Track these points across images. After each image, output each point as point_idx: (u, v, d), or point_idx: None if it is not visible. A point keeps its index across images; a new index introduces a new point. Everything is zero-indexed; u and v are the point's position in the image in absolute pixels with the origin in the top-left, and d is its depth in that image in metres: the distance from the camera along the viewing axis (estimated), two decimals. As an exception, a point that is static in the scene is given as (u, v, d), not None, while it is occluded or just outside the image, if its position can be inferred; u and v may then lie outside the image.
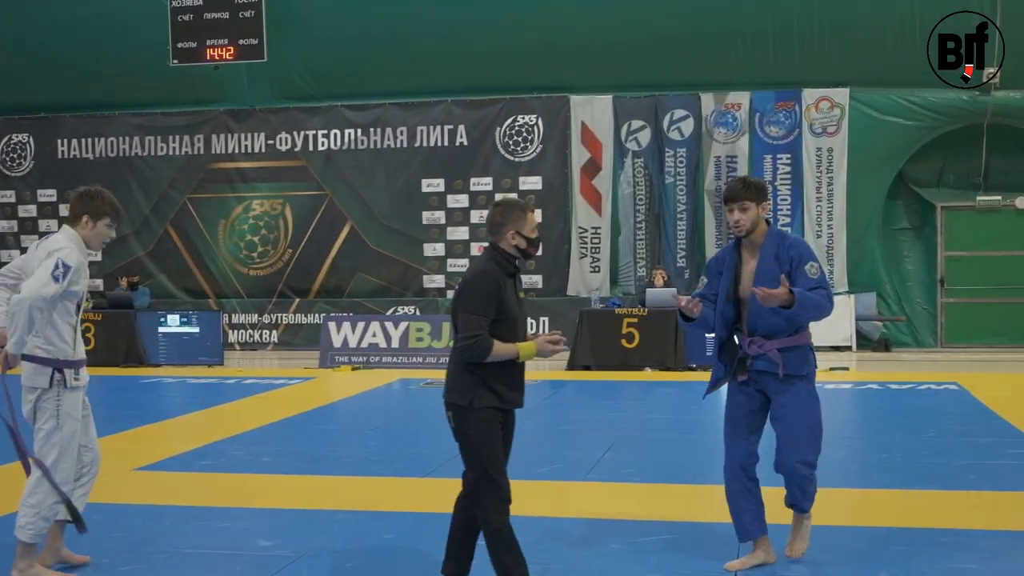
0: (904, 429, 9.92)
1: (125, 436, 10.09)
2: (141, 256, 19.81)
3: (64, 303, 5.37)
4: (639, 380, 14.22)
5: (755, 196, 5.44)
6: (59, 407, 5.38)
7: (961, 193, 17.73)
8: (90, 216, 5.50)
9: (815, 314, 5.31)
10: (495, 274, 4.85)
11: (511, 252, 4.93)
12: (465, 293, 4.83)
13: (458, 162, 18.85)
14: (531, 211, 5.01)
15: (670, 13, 17.24)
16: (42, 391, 5.36)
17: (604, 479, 7.92)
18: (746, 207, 5.42)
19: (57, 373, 5.37)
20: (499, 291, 4.81)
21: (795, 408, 5.39)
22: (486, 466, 4.82)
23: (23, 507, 5.34)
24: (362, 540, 6.17)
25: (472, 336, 4.74)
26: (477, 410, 4.80)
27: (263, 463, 8.65)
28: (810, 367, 5.45)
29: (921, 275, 18.00)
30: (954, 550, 5.82)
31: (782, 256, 5.37)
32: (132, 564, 5.75)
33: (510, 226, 4.91)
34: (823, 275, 5.39)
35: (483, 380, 4.81)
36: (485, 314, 4.76)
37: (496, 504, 4.81)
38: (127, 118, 19.86)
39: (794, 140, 17.72)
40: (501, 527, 4.80)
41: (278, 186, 19.52)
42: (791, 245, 5.43)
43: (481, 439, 4.81)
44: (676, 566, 5.64)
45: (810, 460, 5.43)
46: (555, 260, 18.54)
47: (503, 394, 4.85)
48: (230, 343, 18.76)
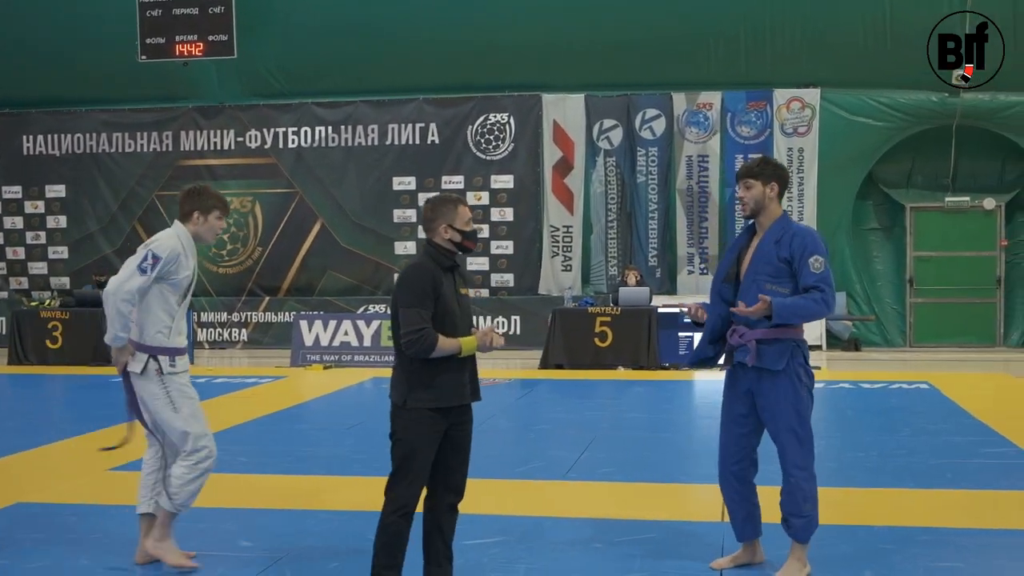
0: (879, 428, 9.99)
1: (98, 436, 9.96)
2: (109, 254, 19.58)
3: (163, 292, 5.57)
4: (613, 379, 14.24)
5: (761, 175, 5.28)
6: (168, 391, 5.60)
7: (930, 194, 17.88)
8: (200, 211, 5.73)
9: (801, 321, 5.19)
10: (429, 267, 4.85)
11: (446, 246, 4.93)
12: (401, 289, 4.82)
13: (429, 160, 18.79)
14: (463, 204, 5.00)
15: (642, 13, 17.25)
16: (137, 377, 5.58)
17: (583, 478, 7.92)
18: (750, 185, 5.29)
19: (152, 361, 5.56)
20: (434, 284, 4.79)
21: (774, 409, 5.22)
22: (400, 464, 4.82)
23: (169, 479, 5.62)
24: (344, 540, 6.13)
25: (417, 330, 4.71)
26: (410, 410, 4.79)
27: (240, 463, 8.57)
28: (791, 364, 5.20)
29: (890, 275, 18.13)
30: (934, 548, 5.87)
31: (784, 241, 5.19)
32: (112, 565, 5.68)
33: (441, 220, 4.92)
34: (826, 271, 5.16)
35: (421, 379, 4.79)
36: (424, 307, 4.75)
37: (394, 503, 4.81)
38: (94, 114, 19.66)
39: (765, 140, 17.80)
40: (389, 525, 4.81)
41: (248, 183, 19.38)
42: (796, 233, 5.23)
43: (403, 438, 4.81)
44: (660, 565, 5.63)
45: (800, 463, 5.23)
46: (527, 259, 18.54)
47: (443, 392, 4.81)
48: (199, 341, 18.61)
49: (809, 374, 5.32)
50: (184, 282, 5.67)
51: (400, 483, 4.82)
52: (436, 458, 4.90)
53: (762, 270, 5.24)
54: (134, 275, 5.47)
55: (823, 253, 5.19)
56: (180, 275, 5.62)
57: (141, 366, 5.57)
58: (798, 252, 5.17)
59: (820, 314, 5.18)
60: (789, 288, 5.20)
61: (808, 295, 5.14)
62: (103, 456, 8.66)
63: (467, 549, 5.84)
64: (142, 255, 5.51)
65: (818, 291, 5.12)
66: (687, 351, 14.86)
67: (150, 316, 5.57)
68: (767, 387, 5.25)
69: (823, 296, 5.12)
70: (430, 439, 4.82)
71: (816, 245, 5.20)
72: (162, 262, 5.51)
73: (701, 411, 11.02)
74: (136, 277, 5.47)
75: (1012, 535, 6.19)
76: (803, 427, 5.25)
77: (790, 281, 5.20)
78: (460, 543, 5.82)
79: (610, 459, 8.59)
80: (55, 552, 5.93)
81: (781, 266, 5.20)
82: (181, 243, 5.66)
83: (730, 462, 5.43)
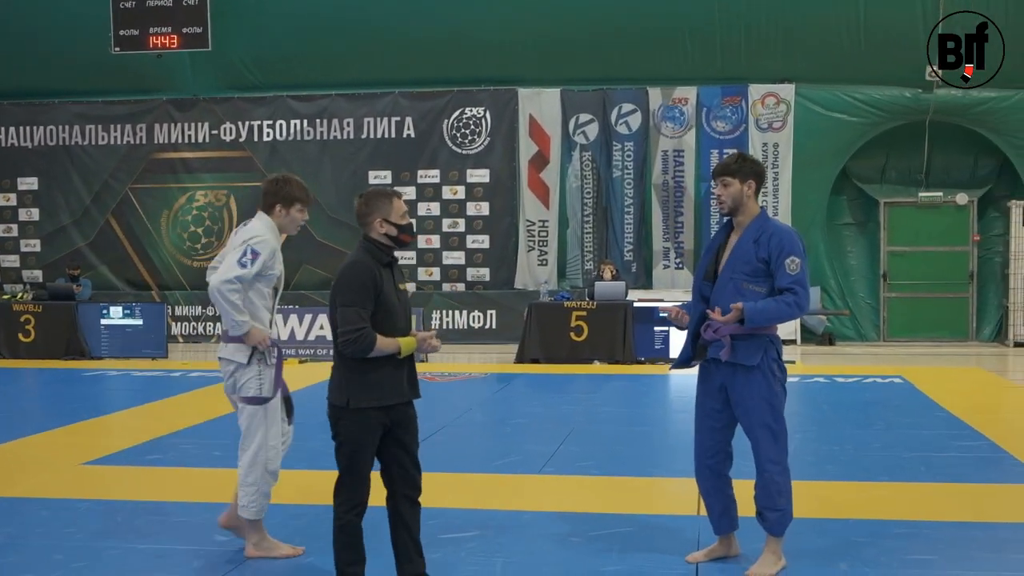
0: (853, 422, 10.04)
1: (71, 430, 9.91)
2: (82, 247, 19.46)
3: (258, 286, 5.62)
4: (589, 373, 14.25)
5: (739, 172, 5.28)
6: (261, 385, 5.61)
7: (903, 189, 17.99)
8: (282, 204, 5.77)
9: (774, 322, 5.21)
10: (367, 264, 4.80)
11: (382, 241, 4.89)
12: (339, 287, 4.77)
13: (405, 154, 18.75)
14: (397, 197, 4.96)
15: (618, 7, 17.30)
16: (239, 366, 5.59)
17: (560, 472, 7.91)
18: (727, 183, 5.28)
19: (256, 351, 5.58)
20: (374, 281, 4.75)
21: (749, 403, 5.24)
22: (348, 466, 4.81)
23: (242, 487, 5.62)
24: (319, 534, 6.08)
25: (355, 330, 4.68)
26: (353, 411, 4.76)
27: (214, 457, 8.53)
28: (765, 359, 5.22)
29: (864, 270, 18.24)
30: (909, 541, 5.90)
31: (762, 241, 5.20)
32: (84, 560, 5.64)
33: (376, 214, 4.89)
34: (802, 273, 5.18)
35: (363, 378, 4.76)
36: (363, 306, 4.71)
37: (348, 503, 4.82)
38: (67, 106, 19.49)
39: (740, 135, 17.86)
40: (346, 525, 4.82)
41: (222, 176, 19.28)
42: (774, 233, 5.23)
43: (348, 439, 4.80)
44: (636, 559, 5.64)
45: (774, 457, 5.25)
46: (503, 253, 18.53)
47: (384, 390, 4.80)
48: (173, 336, 18.51)
49: (782, 369, 5.34)
50: (275, 277, 5.73)
51: (350, 484, 4.82)
52: (387, 460, 4.91)
53: (740, 269, 5.25)
54: (235, 268, 5.51)
55: (800, 254, 5.20)
56: (274, 270, 5.69)
57: (246, 356, 5.58)
58: (775, 252, 5.18)
59: (792, 316, 5.21)
60: (766, 287, 5.22)
61: (781, 297, 5.16)
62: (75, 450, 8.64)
63: (444, 543, 5.83)
64: (242, 250, 5.53)
65: (791, 293, 5.14)
66: (663, 345, 14.89)
67: (251, 308, 5.59)
68: (741, 382, 5.26)
69: (796, 299, 5.14)
70: (374, 436, 4.82)
71: (793, 245, 5.20)
72: (261, 258, 5.55)
73: (676, 405, 11.04)
74: (236, 270, 5.51)
75: (985, 528, 6.23)
76: (777, 422, 5.27)
77: (767, 280, 5.22)
78: (437, 537, 5.84)
79: (586, 453, 8.59)
80: (26, 547, 5.88)
81: (759, 266, 5.22)
82: (275, 238, 5.72)
83: (705, 456, 5.44)
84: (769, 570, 5.31)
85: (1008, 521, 6.42)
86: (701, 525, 6.09)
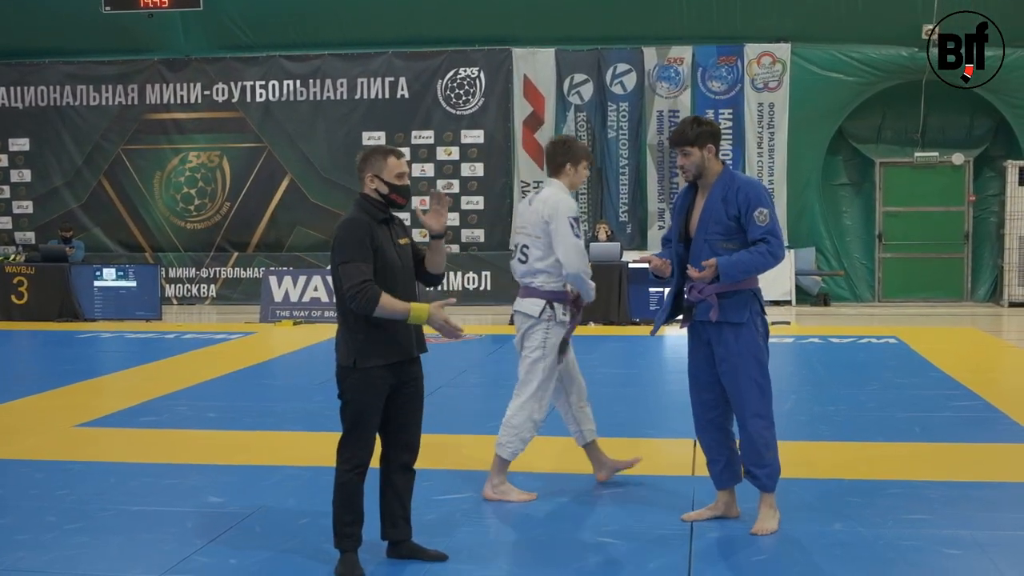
0: (848, 382, 10.03)
1: (64, 392, 9.89)
2: (74, 209, 19.38)
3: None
4: (583, 334, 14.18)
5: (697, 140, 5.27)
6: (546, 339, 5.86)
7: (899, 149, 17.92)
8: (571, 163, 5.98)
9: (750, 275, 5.21)
10: (362, 219, 4.75)
11: (374, 197, 4.85)
12: (337, 246, 4.72)
13: (399, 115, 18.64)
14: (394, 156, 4.91)
15: (613, -35, 17.16)
16: (534, 321, 5.86)
17: (553, 434, 7.86)
18: (688, 152, 5.28)
19: (548, 308, 5.82)
20: (370, 236, 4.69)
21: (736, 360, 5.24)
22: (352, 425, 4.77)
23: (505, 427, 5.92)
24: (315, 496, 6.08)
25: (359, 283, 4.61)
26: (359, 371, 4.70)
27: (208, 419, 8.51)
28: (751, 315, 5.25)
29: (859, 230, 18.20)
30: (904, 500, 5.90)
31: (729, 198, 5.21)
32: (78, 522, 5.62)
33: (368, 170, 4.87)
34: (773, 222, 5.20)
35: (369, 338, 4.70)
36: (363, 259, 4.64)
37: (350, 462, 4.76)
38: (58, 66, 19.33)
39: (736, 95, 17.76)
40: (347, 483, 4.76)
41: (215, 137, 19.16)
42: (740, 187, 5.23)
43: (355, 398, 4.74)
44: (628, 519, 5.64)
45: (761, 412, 5.27)
46: (497, 214, 18.48)
47: (390, 349, 4.75)
48: (167, 297, 18.47)
49: (764, 323, 5.39)
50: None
51: (354, 443, 4.77)
52: (388, 415, 4.84)
53: (713, 230, 5.25)
54: (577, 244, 5.76)
55: (767, 204, 5.23)
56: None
57: (539, 311, 5.84)
58: (743, 206, 5.20)
59: (767, 266, 5.20)
60: (740, 244, 5.23)
61: (755, 248, 5.17)
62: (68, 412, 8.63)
63: (439, 504, 5.83)
64: (568, 222, 5.74)
65: (764, 243, 5.16)
66: (657, 306, 14.85)
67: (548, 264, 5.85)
68: (729, 339, 5.27)
69: (768, 248, 5.16)
70: (379, 396, 4.77)
71: (760, 197, 5.24)
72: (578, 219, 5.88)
73: (671, 366, 11.04)
74: (578, 244, 5.78)
75: (979, 487, 6.24)
76: (764, 376, 5.31)
77: (741, 235, 5.24)
78: (432, 499, 5.84)
79: (581, 414, 8.56)
80: (20, 509, 5.86)
81: (731, 224, 5.24)
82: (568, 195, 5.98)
83: (706, 410, 5.44)
84: (771, 524, 5.34)
85: (1003, 480, 6.43)
86: (696, 485, 6.10)
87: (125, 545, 5.29)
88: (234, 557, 5.07)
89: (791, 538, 5.30)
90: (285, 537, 5.36)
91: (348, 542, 4.81)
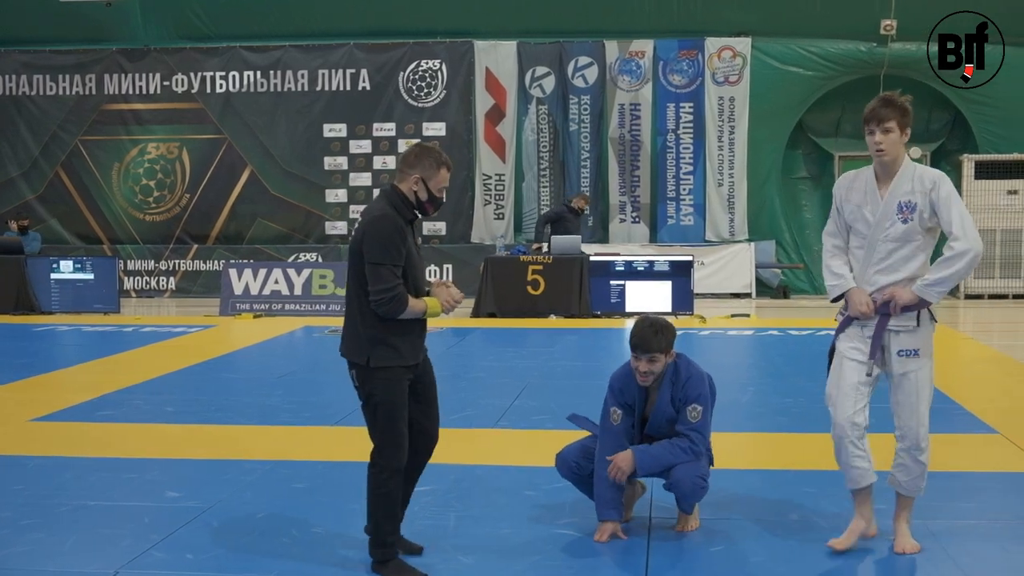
0: (806, 374, 10.08)
1: (19, 385, 9.78)
2: (30, 200, 19.17)
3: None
4: (545, 327, 14.25)
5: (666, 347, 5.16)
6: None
7: (858, 143, 17.94)
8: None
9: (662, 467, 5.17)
10: (396, 219, 4.61)
11: (408, 198, 4.68)
12: (369, 242, 4.55)
13: (361, 107, 18.58)
14: (448, 168, 4.72)
15: (575, -42, 17.18)
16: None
17: (515, 426, 7.92)
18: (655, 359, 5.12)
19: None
20: (403, 237, 4.58)
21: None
22: (386, 427, 4.64)
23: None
24: (272, 490, 6.07)
25: (388, 289, 4.50)
26: (379, 370, 4.59)
27: (167, 412, 8.45)
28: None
29: (818, 223, 18.30)
30: (860, 492, 5.93)
31: (677, 397, 5.21)
32: (34, 518, 5.56)
33: (417, 172, 4.66)
34: (704, 422, 5.19)
35: (381, 337, 4.59)
36: (394, 263, 4.53)
37: (388, 468, 4.65)
38: (13, 55, 19.10)
39: (696, 89, 17.84)
40: (390, 493, 4.67)
41: (174, 129, 19.01)
42: (686, 382, 5.20)
43: (386, 399, 4.61)
44: (589, 512, 5.65)
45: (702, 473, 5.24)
46: (459, 207, 18.45)
47: (403, 350, 4.64)
48: (125, 290, 18.31)
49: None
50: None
51: (390, 446, 4.64)
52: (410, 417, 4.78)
53: (665, 429, 5.24)
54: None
55: (705, 401, 5.21)
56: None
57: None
58: (683, 401, 5.19)
59: (680, 461, 5.15)
60: None
61: (676, 441, 5.16)
62: (24, 407, 8.53)
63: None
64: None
65: (687, 439, 5.16)
66: (619, 299, 14.91)
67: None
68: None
69: (690, 445, 5.15)
70: (405, 393, 4.68)
71: (699, 394, 5.19)
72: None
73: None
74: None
75: (934, 476, 6.23)
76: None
77: None
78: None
79: (542, 407, 8.59)
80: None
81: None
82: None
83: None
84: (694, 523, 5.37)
85: (959, 470, 6.49)
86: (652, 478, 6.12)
87: (82, 540, 5.24)
88: (191, 552, 5.04)
89: (744, 527, 5.34)
90: (243, 532, 5.33)
91: (391, 551, 4.74)
